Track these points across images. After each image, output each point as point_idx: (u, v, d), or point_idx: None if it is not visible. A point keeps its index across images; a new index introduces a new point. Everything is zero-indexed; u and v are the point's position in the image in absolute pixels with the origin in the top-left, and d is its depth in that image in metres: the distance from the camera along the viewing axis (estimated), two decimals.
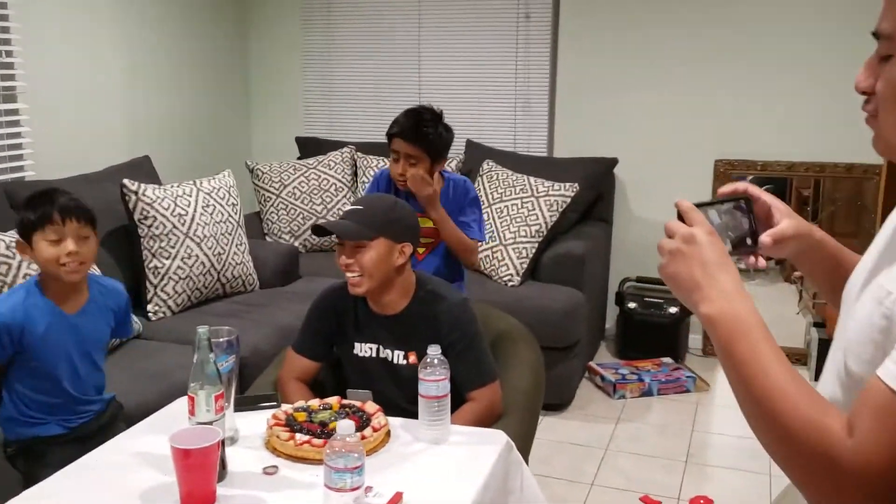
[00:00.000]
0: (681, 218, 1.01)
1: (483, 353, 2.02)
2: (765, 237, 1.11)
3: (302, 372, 2.10)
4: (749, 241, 1.09)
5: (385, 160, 4.11)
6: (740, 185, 1.13)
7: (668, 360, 3.99)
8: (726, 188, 1.13)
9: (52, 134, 3.48)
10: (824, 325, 3.87)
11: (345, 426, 1.33)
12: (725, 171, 4.10)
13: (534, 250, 3.66)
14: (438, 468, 1.62)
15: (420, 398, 1.70)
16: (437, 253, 2.62)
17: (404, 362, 2.02)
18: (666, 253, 0.98)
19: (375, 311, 2.04)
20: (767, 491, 2.93)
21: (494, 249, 3.68)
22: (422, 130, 2.52)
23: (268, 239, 4.16)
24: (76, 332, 2.07)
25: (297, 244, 4.11)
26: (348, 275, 1.97)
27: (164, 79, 4.15)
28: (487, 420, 1.97)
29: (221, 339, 1.66)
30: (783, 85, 3.95)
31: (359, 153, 4.28)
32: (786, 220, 1.14)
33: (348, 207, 2.07)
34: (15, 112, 3.36)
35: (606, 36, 4.17)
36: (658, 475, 3.07)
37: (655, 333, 4.07)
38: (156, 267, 3.21)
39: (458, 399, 1.96)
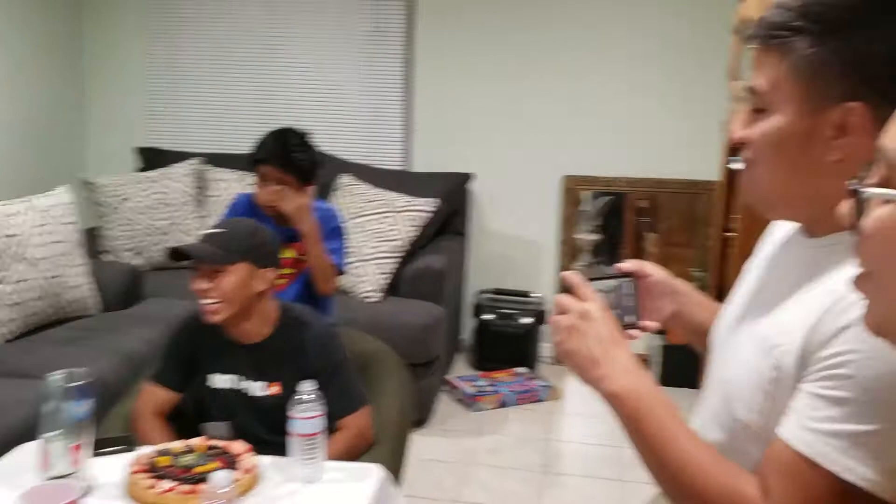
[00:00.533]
0: (567, 290, 1.01)
1: (351, 379, 1.98)
2: (649, 324, 1.13)
3: (161, 404, 1.98)
4: (632, 319, 1.11)
5: (235, 173, 3.97)
6: (630, 265, 1.15)
7: (522, 369, 4.09)
8: (625, 265, 1.14)
9: None
10: (665, 333, 4.10)
11: (220, 478, 1.25)
12: (573, 186, 4.26)
13: (394, 266, 3.65)
14: None
15: (293, 437, 1.64)
16: (297, 284, 2.55)
17: (265, 393, 1.94)
18: (562, 329, 0.99)
19: (234, 339, 1.96)
20: (621, 497, 3.06)
21: (354, 265, 3.63)
22: (291, 155, 2.47)
23: (107, 257, 3.90)
24: None
25: (139, 262, 3.88)
26: (204, 302, 1.87)
27: None
28: (359, 448, 1.94)
29: (76, 384, 1.53)
30: (627, 106, 4.15)
31: (207, 165, 4.10)
32: (667, 305, 1.17)
33: (207, 230, 1.97)
34: None
35: (462, 54, 4.23)
36: (517, 487, 3.13)
37: (510, 343, 4.16)
38: None
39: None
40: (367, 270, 3.62)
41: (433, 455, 3.36)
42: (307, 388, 1.64)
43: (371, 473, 1.70)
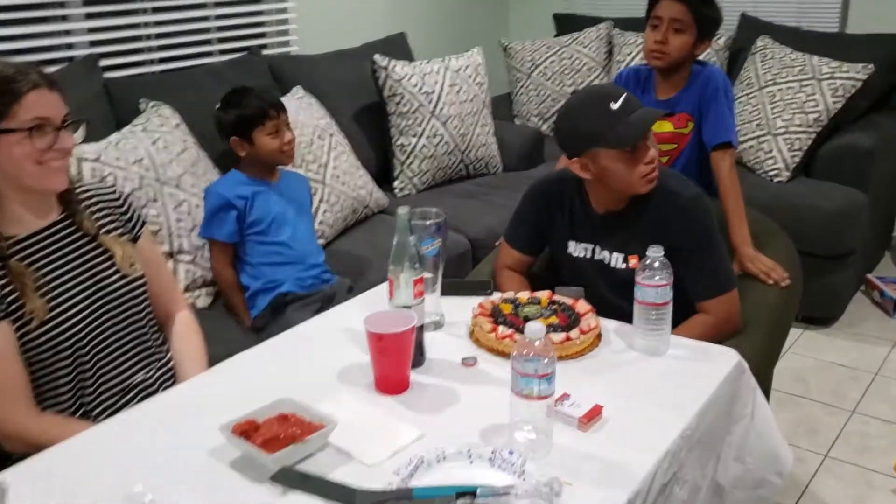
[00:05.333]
0: None
1: (719, 257, 1.77)
2: None
3: (514, 264, 1.99)
4: None
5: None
6: None
7: None
8: None
9: (315, 10, 3.57)
10: None
11: (534, 329, 1.20)
12: None
13: (809, 142, 3.20)
14: (650, 384, 1.45)
15: (636, 304, 1.52)
16: (682, 158, 2.32)
17: (623, 266, 1.81)
18: None
19: (594, 207, 1.84)
20: None
21: (761, 140, 3.26)
22: None
23: (516, 121, 4.04)
24: (283, 193, 2.37)
25: (544, 128, 3.95)
26: (651, 171, 1.71)
27: None
28: (721, 335, 1.74)
29: (428, 222, 1.59)
30: None
31: (616, 29, 3.95)
32: None
33: (618, 104, 1.67)
34: None
35: None
36: None
37: None
38: (402, 145, 3.24)
39: (689, 309, 1.76)
40: (775, 145, 3.22)
41: (837, 359, 2.98)
42: (655, 254, 1.50)
43: (725, 358, 1.52)
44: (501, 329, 1.54)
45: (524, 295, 1.69)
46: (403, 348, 1.40)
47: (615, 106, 1.68)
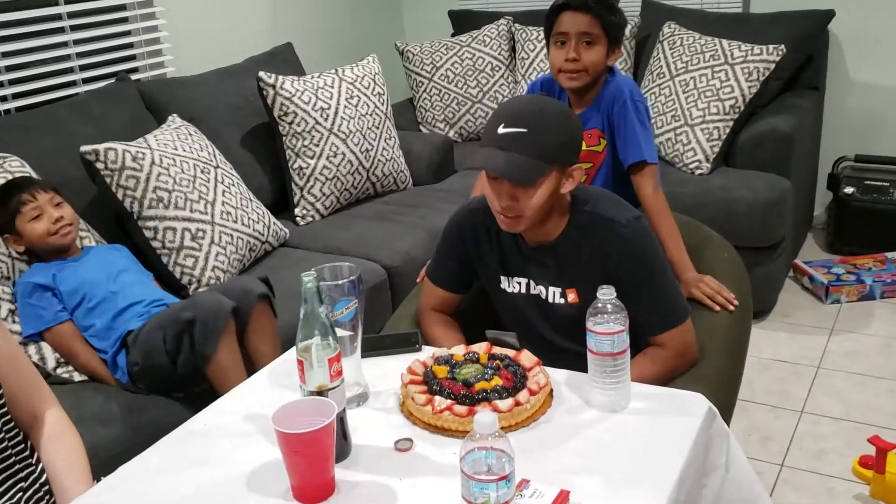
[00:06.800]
0: None
1: (667, 285, 1.56)
2: None
3: (441, 304, 1.75)
4: None
5: None
6: None
7: (894, 255, 3.34)
8: None
9: (190, 26, 3.25)
10: None
11: (484, 423, 0.96)
12: None
13: (727, 130, 3.07)
14: (616, 451, 1.23)
15: (590, 354, 1.31)
16: (598, 179, 2.12)
17: (562, 301, 1.60)
18: None
19: (524, 239, 1.61)
20: None
21: (678, 131, 3.13)
22: (597, 1, 1.99)
23: (422, 129, 3.80)
24: (90, 264, 2.16)
25: (451, 134, 3.73)
26: (503, 218, 1.52)
27: None
28: (678, 369, 1.56)
29: (341, 282, 1.33)
30: None
31: (517, 24, 3.76)
32: None
33: (503, 130, 1.46)
34: (150, 3, 3.14)
35: None
36: (883, 402, 2.55)
37: (878, 223, 3.40)
38: (300, 168, 2.96)
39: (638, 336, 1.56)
40: (693, 136, 3.09)
41: (776, 354, 2.87)
42: (606, 296, 1.28)
43: (694, 407, 1.32)
44: (438, 400, 1.30)
45: (459, 351, 1.45)
46: (323, 447, 1.14)
47: (500, 131, 1.46)
